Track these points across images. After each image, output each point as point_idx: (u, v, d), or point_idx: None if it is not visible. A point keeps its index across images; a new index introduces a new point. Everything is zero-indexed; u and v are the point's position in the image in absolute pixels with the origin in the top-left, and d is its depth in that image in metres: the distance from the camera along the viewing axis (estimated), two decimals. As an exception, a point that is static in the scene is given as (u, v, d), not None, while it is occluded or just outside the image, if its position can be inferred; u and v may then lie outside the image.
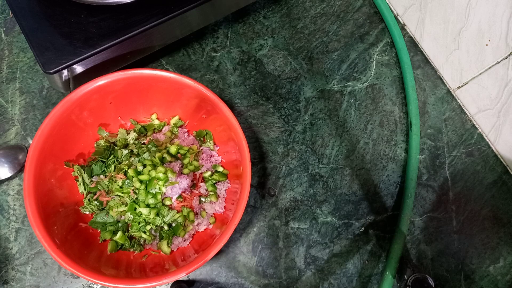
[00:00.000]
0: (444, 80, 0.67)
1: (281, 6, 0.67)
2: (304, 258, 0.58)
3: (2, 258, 0.53)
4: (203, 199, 0.54)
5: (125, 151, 0.53)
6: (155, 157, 0.51)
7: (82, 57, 0.47)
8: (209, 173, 0.54)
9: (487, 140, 0.65)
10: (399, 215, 0.59)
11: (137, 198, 0.50)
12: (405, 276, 0.54)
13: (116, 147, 0.54)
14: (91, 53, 0.47)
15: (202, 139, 0.57)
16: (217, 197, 0.54)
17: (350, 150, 0.62)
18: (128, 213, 0.50)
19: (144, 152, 0.52)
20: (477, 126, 0.65)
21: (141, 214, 0.50)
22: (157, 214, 0.51)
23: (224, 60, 0.64)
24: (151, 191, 0.50)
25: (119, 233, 0.51)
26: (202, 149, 0.56)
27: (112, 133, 0.55)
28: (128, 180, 0.50)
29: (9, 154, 0.55)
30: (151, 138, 0.55)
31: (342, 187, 0.61)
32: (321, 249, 0.58)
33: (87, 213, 0.52)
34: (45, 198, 0.47)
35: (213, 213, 0.54)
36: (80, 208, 0.52)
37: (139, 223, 0.51)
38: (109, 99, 0.52)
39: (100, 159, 0.53)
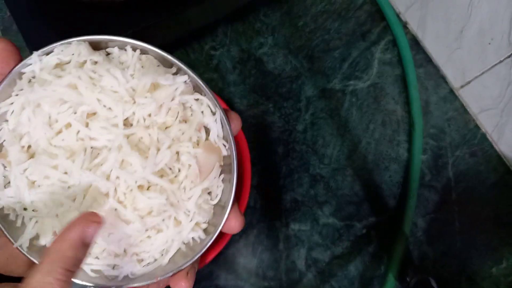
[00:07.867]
0: (446, 79, 0.66)
1: (281, 4, 0.66)
2: (305, 260, 0.57)
3: None
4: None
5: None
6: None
7: (79, 56, 0.46)
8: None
9: (490, 140, 0.64)
10: (402, 216, 0.59)
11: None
12: (407, 278, 0.53)
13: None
14: (88, 52, 0.47)
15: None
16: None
17: (351, 150, 0.62)
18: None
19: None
20: (480, 126, 0.64)
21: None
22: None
23: (223, 58, 0.63)
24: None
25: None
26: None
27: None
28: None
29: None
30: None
31: (344, 188, 0.60)
32: (322, 251, 0.58)
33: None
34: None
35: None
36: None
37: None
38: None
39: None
